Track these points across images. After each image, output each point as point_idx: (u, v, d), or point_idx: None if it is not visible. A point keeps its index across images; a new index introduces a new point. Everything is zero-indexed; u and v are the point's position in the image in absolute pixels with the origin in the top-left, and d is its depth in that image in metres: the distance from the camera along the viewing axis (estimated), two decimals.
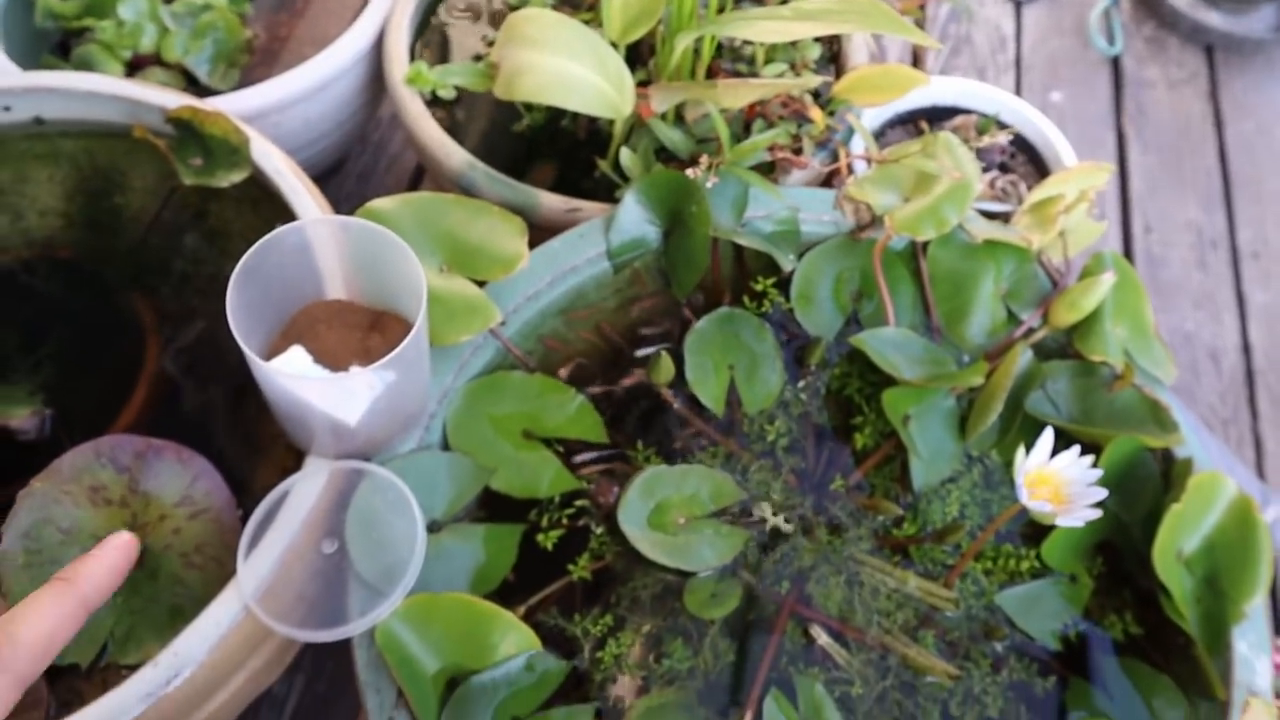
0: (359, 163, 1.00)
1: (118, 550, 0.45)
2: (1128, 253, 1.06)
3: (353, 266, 0.54)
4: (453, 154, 0.74)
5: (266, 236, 0.49)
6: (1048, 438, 0.54)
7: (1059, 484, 0.54)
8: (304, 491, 0.53)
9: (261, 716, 0.72)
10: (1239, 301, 1.03)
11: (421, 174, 1.01)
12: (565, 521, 0.56)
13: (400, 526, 0.53)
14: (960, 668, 0.54)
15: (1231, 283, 1.05)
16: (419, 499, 0.52)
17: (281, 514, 0.52)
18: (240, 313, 0.48)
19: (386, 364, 0.47)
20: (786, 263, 0.66)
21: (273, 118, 0.75)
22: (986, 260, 0.68)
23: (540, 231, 0.64)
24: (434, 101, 0.75)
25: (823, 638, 0.57)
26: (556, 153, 0.79)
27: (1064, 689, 0.56)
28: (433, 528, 0.55)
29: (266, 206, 0.63)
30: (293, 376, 0.50)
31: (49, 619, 0.40)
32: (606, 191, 0.70)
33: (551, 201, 0.71)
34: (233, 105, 0.72)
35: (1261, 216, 1.09)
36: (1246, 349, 1.00)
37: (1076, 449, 0.53)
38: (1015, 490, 0.56)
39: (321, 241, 0.52)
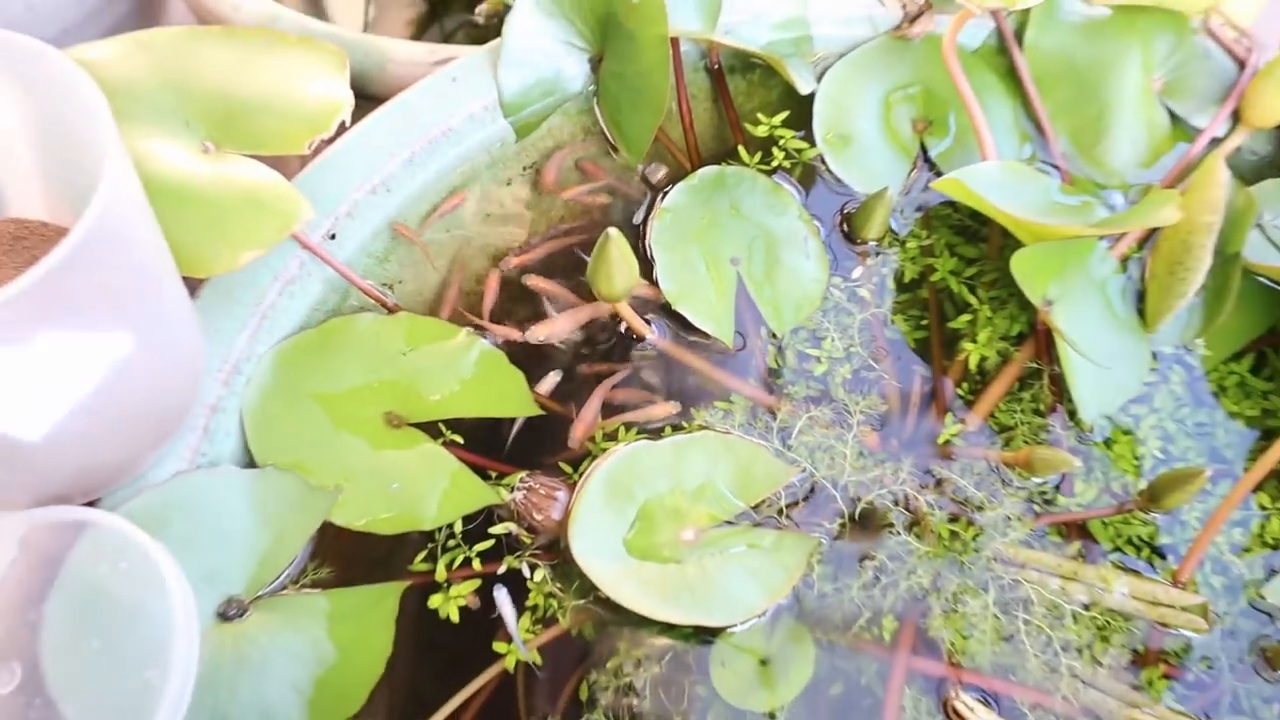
0: None
1: None
2: None
3: (51, 160, 0.31)
4: (242, 2, 0.46)
5: None
6: None
7: None
8: None
9: None
10: None
11: None
12: (478, 566, 0.30)
13: (150, 620, 0.27)
14: None
15: None
16: (195, 562, 0.26)
17: None
18: None
19: (33, 296, 0.21)
20: (803, 82, 0.40)
21: None
22: (1123, 40, 0.43)
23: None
24: None
25: (977, 714, 0.30)
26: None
27: None
28: (229, 613, 0.29)
29: None
30: None
31: None
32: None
33: (407, 52, 0.44)
34: None
35: None
36: None
37: None
38: None
39: None
